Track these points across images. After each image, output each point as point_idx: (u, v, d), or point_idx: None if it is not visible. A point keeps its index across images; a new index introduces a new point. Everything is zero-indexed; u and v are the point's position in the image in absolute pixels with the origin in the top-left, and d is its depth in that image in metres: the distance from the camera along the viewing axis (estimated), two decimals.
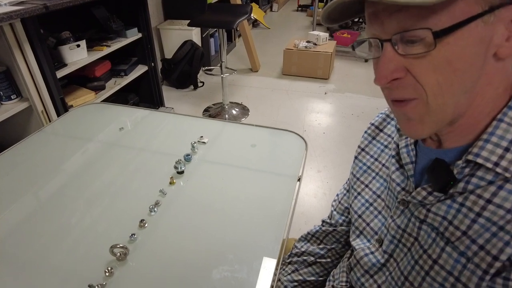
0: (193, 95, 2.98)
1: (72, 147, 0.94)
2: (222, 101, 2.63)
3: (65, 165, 0.87)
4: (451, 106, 0.39)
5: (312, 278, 0.72)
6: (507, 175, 0.38)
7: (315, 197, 1.84)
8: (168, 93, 2.92)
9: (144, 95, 2.52)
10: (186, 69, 2.95)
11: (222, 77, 2.47)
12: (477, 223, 0.40)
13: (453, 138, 0.44)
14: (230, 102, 2.72)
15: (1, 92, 1.39)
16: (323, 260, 0.72)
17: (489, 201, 0.39)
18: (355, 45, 0.44)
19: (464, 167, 0.41)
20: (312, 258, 0.72)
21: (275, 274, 0.60)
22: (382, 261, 0.52)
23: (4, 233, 0.67)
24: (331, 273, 0.69)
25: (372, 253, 0.54)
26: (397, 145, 0.54)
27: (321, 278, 0.72)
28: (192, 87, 3.06)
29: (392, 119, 0.61)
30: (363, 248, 0.56)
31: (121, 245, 0.61)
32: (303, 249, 0.74)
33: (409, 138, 0.52)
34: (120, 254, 0.61)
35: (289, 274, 0.73)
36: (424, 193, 0.45)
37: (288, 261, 0.75)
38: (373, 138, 0.63)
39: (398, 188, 0.51)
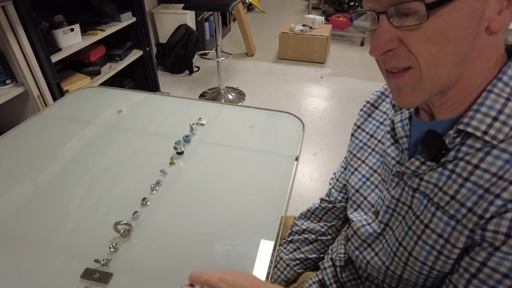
0: (188, 80, 2.96)
1: (72, 130, 0.95)
2: (218, 86, 2.62)
3: (66, 147, 0.88)
4: (443, 77, 0.41)
5: (314, 255, 0.74)
6: (495, 142, 0.40)
7: (311, 179, 1.87)
8: (163, 78, 2.90)
9: (139, 80, 2.51)
10: (181, 54, 2.92)
11: (217, 61, 2.46)
12: (464, 187, 0.42)
13: (444, 111, 0.46)
14: (226, 87, 2.71)
15: None
16: (324, 238, 0.74)
17: (476, 166, 0.41)
18: (353, 18, 0.45)
19: (455, 136, 0.44)
20: (313, 236, 0.75)
21: (274, 249, 0.62)
22: (379, 230, 0.54)
23: (8, 214, 0.69)
24: (330, 247, 0.72)
25: (369, 224, 0.56)
26: (392, 121, 0.56)
27: (322, 255, 0.74)
28: (187, 72, 3.04)
29: (387, 96, 0.63)
30: (360, 219, 0.58)
31: (124, 222, 0.63)
32: (303, 227, 0.76)
33: (404, 113, 0.54)
34: (124, 231, 0.63)
35: (291, 252, 0.75)
36: (417, 163, 0.47)
37: (289, 239, 0.77)
38: (369, 116, 0.65)
39: (393, 162, 0.53)
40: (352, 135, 0.67)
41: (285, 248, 0.77)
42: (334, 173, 0.76)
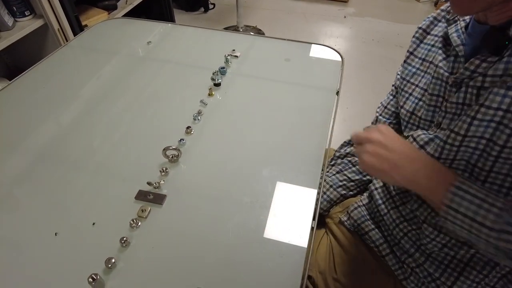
0: (204, 18, 2.82)
1: (104, 60, 0.92)
2: (237, 24, 2.50)
3: (104, 75, 0.86)
4: None
5: (357, 177, 0.75)
6: None
7: (335, 123, 1.85)
8: (178, 16, 2.76)
9: (154, 18, 2.39)
10: None
11: None
12: None
13: (497, 16, 0.45)
14: (245, 25, 2.58)
15: (15, 8, 1.32)
16: None
17: None
18: None
19: None
20: (357, 158, 0.75)
21: (321, 177, 0.63)
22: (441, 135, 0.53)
23: (56, 135, 0.69)
24: None
25: (430, 134, 0.55)
26: (443, 37, 0.56)
27: (365, 178, 0.75)
28: (202, 9, 2.88)
29: (439, 21, 0.61)
30: (423, 131, 0.57)
31: (173, 147, 0.63)
32: (347, 151, 0.77)
33: (459, 23, 0.53)
34: (173, 156, 0.64)
35: (334, 174, 0.77)
36: (477, 61, 0.46)
37: (331, 163, 0.79)
38: (421, 42, 0.64)
39: (447, 74, 0.53)
40: (405, 61, 0.66)
41: (327, 171, 0.78)
42: (381, 102, 0.75)
